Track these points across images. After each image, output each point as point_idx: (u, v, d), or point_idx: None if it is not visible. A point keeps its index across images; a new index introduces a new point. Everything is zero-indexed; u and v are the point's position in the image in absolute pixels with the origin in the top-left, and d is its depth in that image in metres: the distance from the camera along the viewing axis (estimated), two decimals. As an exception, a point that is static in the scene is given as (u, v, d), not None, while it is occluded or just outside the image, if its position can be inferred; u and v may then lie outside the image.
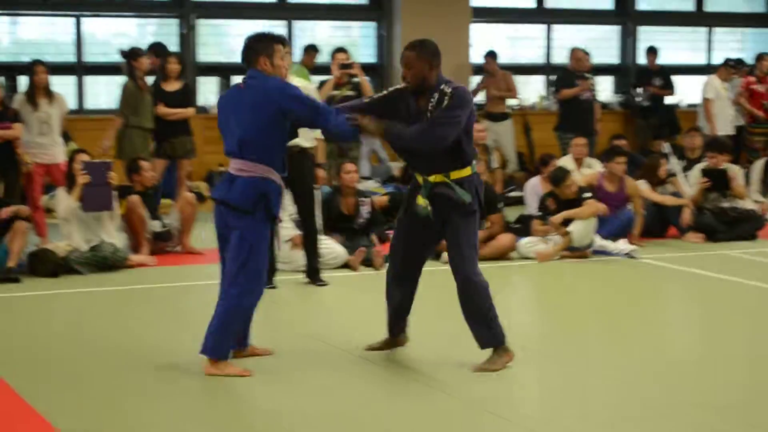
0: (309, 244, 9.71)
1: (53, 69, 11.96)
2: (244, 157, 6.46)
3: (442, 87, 6.59)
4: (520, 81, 18.73)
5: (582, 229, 11.03)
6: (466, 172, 6.67)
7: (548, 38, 18.89)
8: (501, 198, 12.04)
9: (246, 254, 6.47)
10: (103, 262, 10.16)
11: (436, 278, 8.33)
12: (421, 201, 6.63)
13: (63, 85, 14.18)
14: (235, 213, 6.47)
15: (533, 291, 10.31)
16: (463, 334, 6.91)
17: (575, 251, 11.08)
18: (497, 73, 16.69)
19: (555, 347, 7.62)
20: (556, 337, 7.99)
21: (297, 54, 16.38)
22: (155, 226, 11.26)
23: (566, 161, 13.25)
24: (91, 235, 10.36)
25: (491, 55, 16.80)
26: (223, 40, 17.45)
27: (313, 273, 9.71)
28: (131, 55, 12.61)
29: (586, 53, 15.78)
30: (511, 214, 12.42)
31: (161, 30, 16.72)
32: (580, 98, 15.57)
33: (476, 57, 17.10)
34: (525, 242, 11.16)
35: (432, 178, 6.62)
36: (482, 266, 10.36)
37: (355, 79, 13.21)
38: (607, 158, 12.20)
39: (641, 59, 18.94)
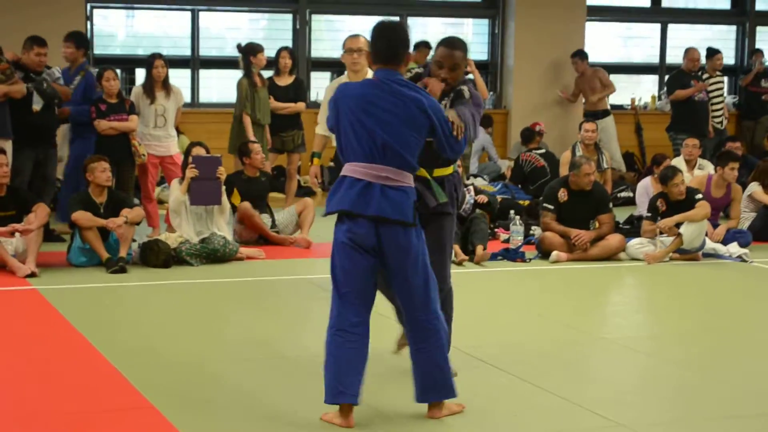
0: None
1: (169, 63, 12.12)
2: (388, 163, 5.52)
3: (459, 87, 6.34)
4: (633, 81, 18.59)
5: (693, 231, 10.87)
6: (449, 170, 6.25)
7: (663, 38, 18.66)
8: (611, 198, 11.92)
9: (425, 271, 5.65)
10: (213, 254, 10.27)
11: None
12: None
13: (178, 78, 14.37)
14: (394, 229, 5.50)
15: (643, 292, 10.19)
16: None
17: (685, 254, 10.94)
18: (587, 72, 16.55)
19: (663, 348, 7.53)
20: (664, 339, 7.89)
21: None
22: (265, 221, 11.38)
23: (678, 162, 13.11)
24: (202, 227, 10.49)
25: (579, 55, 16.66)
26: (337, 35, 17.48)
27: None
28: (250, 51, 12.72)
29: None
30: (621, 214, 12.31)
31: (274, 25, 16.86)
32: (694, 99, 15.39)
33: (592, 56, 16.94)
34: (634, 243, 11.04)
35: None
36: (591, 266, 10.56)
37: (468, 76, 13.17)
38: (720, 162, 12.02)
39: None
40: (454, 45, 6.20)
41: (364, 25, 17.25)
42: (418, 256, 5.56)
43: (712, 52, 16.27)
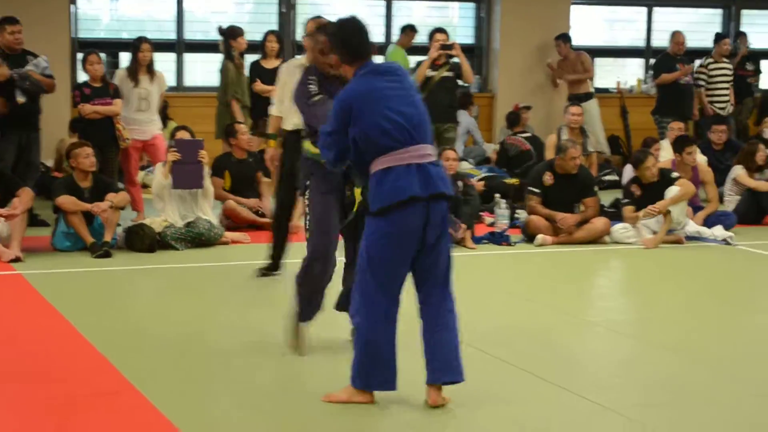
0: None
1: (154, 46, 12.08)
2: (424, 141, 5.59)
3: None
4: (618, 64, 18.58)
5: (678, 208, 10.92)
6: None
7: (649, 21, 18.64)
8: (596, 181, 11.93)
9: (450, 249, 5.81)
10: (198, 237, 10.26)
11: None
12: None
13: (163, 62, 14.34)
14: (441, 204, 5.58)
15: (628, 275, 10.22)
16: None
17: (670, 234, 10.95)
18: (570, 55, 16.54)
19: (648, 331, 7.54)
20: (650, 322, 7.90)
21: (394, 34, 16.40)
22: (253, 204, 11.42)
23: (665, 146, 13.14)
24: (186, 211, 10.47)
25: (563, 38, 16.65)
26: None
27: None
28: (230, 34, 12.71)
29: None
30: (606, 198, 12.32)
31: (259, 8, 16.80)
32: (679, 82, 15.42)
33: (577, 39, 16.91)
34: (618, 228, 11.04)
35: None
36: (576, 249, 10.58)
37: (454, 60, 13.17)
38: (676, 149, 12.05)
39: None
40: (322, 27, 6.60)
41: (348, 9, 17.27)
42: (448, 233, 5.75)
43: (719, 38, 16.29)
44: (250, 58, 13.22)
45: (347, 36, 5.69)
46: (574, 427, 5.49)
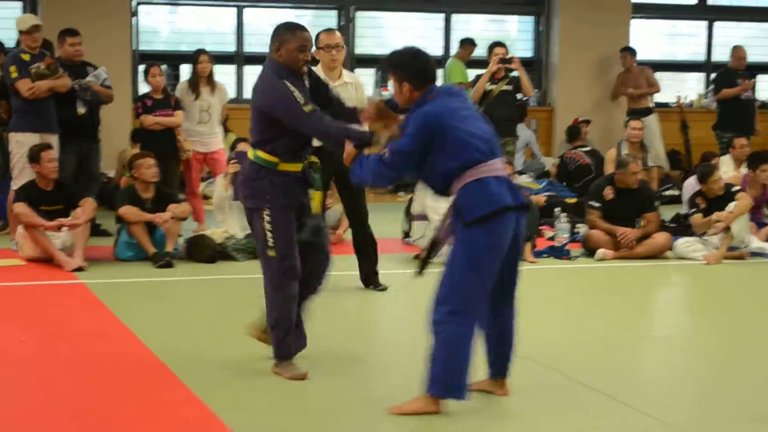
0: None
1: (214, 59, 12.14)
2: (499, 155, 5.78)
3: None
4: (678, 78, 18.47)
5: (740, 225, 10.83)
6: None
7: (709, 35, 18.53)
8: (656, 196, 11.86)
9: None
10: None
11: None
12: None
13: (223, 74, 14.42)
14: (522, 215, 5.79)
15: (690, 291, 10.13)
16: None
17: (733, 251, 10.86)
18: (634, 69, 16.45)
19: (710, 348, 7.46)
20: (711, 338, 7.83)
21: (453, 47, 16.40)
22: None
23: (725, 161, 13.04)
24: (247, 222, 10.47)
25: (628, 51, 16.57)
26: (381, 32, 17.51)
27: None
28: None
29: None
30: (667, 213, 12.23)
31: (318, 21, 16.84)
32: (740, 97, 15.31)
33: (637, 53, 16.81)
34: (682, 243, 10.96)
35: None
36: (637, 264, 10.50)
37: (513, 74, 13.15)
38: (751, 165, 11.95)
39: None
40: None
41: (407, 22, 17.31)
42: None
43: None
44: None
45: (422, 64, 5.89)
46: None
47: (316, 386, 6.18)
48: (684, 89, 18.27)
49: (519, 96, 13.59)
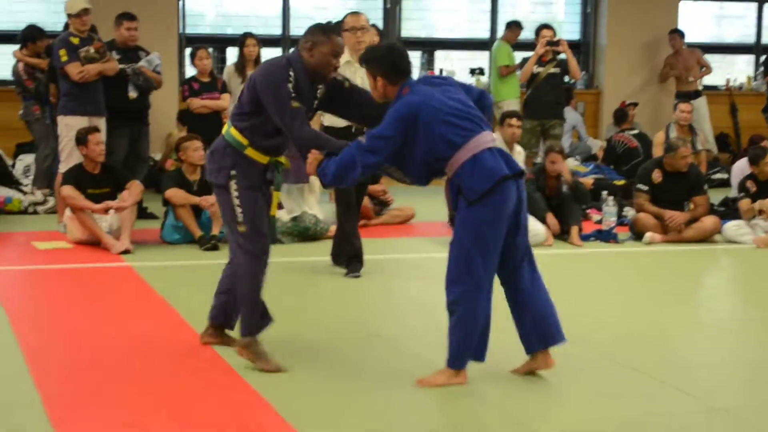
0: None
1: (262, 41, 12.15)
2: (488, 127, 5.86)
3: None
4: (727, 61, 18.30)
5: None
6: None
7: (759, 16, 18.34)
8: (705, 179, 11.76)
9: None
10: (304, 232, 10.31)
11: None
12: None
13: (269, 58, 14.38)
14: (522, 181, 5.85)
15: (739, 274, 10.05)
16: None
17: (783, 234, 10.78)
18: (683, 52, 16.31)
19: (759, 332, 7.41)
20: (761, 322, 7.75)
21: (500, 30, 16.33)
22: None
23: (775, 143, 12.93)
24: (293, 205, 10.52)
25: (677, 33, 16.43)
26: (427, 15, 17.45)
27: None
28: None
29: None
30: (716, 196, 12.14)
31: (364, 4, 16.81)
32: (790, 80, 15.18)
33: (686, 36, 16.68)
34: (731, 226, 10.86)
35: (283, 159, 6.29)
36: (685, 248, 10.43)
37: (560, 56, 13.09)
38: None
39: None
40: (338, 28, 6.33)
41: (453, 4, 17.24)
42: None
43: None
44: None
45: (395, 57, 5.91)
46: (687, 428, 5.40)
47: (364, 368, 6.18)
48: (733, 72, 18.11)
49: (566, 79, 13.54)
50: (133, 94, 11.07)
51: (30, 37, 12.31)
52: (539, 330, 5.96)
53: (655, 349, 6.79)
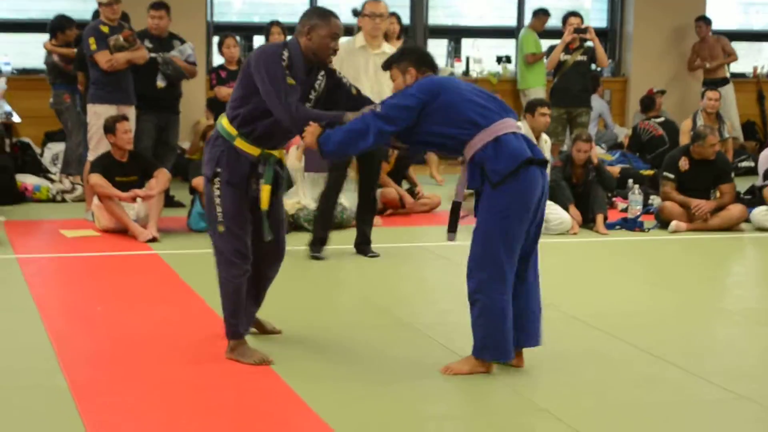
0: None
1: (288, 29, 12.16)
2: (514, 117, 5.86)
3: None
4: (754, 48, 18.22)
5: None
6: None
7: (787, 4, 18.27)
8: (732, 167, 11.73)
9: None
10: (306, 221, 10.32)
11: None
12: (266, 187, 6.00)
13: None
14: (545, 171, 5.82)
15: (765, 263, 10.02)
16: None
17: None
18: (709, 39, 16.25)
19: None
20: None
21: (527, 18, 16.30)
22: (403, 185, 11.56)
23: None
24: (318, 194, 10.53)
25: (703, 20, 16.36)
26: (453, 2, 17.43)
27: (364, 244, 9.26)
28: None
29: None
30: (742, 184, 12.11)
31: (391, -8, 16.82)
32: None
33: (713, 23, 16.61)
34: (761, 211, 10.81)
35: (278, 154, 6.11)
36: (711, 237, 10.41)
37: (588, 44, 13.06)
38: None
39: None
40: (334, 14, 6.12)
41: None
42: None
43: None
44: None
45: (425, 53, 6.06)
46: (709, 415, 5.41)
47: (387, 357, 6.21)
48: (761, 59, 18.02)
49: (593, 66, 13.51)
50: (161, 83, 11.10)
51: (59, 26, 12.37)
52: (523, 328, 5.85)
53: (680, 337, 6.79)
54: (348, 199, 10.77)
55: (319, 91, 6.02)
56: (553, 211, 10.25)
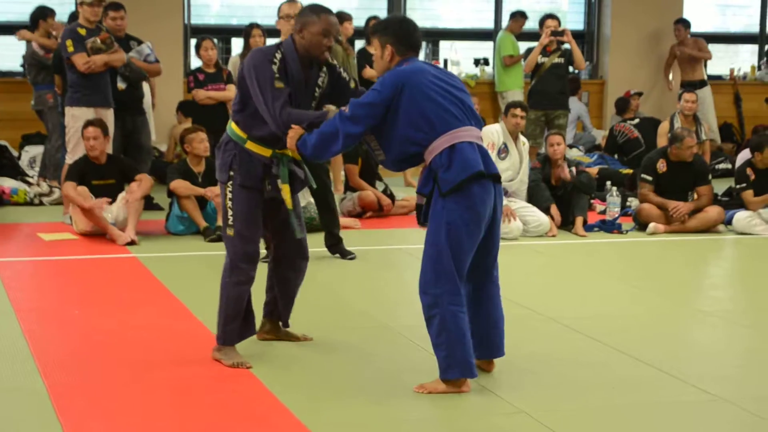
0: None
1: (267, 32, 12.17)
2: (475, 125, 5.64)
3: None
4: (731, 51, 18.29)
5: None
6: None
7: (763, 6, 18.31)
8: (709, 169, 11.77)
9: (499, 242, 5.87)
10: (308, 223, 10.29)
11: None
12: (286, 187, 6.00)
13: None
14: (499, 186, 5.65)
15: (742, 264, 10.04)
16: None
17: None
18: (688, 42, 16.30)
19: (762, 321, 7.41)
20: (763, 312, 7.76)
21: (504, 20, 16.34)
22: (378, 186, 11.53)
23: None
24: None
25: (682, 23, 16.41)
26: (432, 4, 17.44)
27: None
28: (338, 19, 12.75)
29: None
30: (719, 186, 12.16)
31: (369, -7, 16.85)
32: (795, 69, 15.18)
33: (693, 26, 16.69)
34: (744, 217, 10.79)
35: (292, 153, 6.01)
36: (689, 238, 10.45)
37: (565, 46, 13.10)
38: None
39: None
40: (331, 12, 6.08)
41: (458, -6, 17.24)
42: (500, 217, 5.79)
43: None
44: (357, 45, 13.27)
45: (409, 30, 5.73)
46: (686, 416, 5.42)
47: (370, 360, 6.21)
48: (737, 61, 18.11)
49: (571, 69, 13.55)
50: (121, 85, 11.05)
51: (41, 15, 12.36)
52: (489, 340, 5.79)
53: (657, 338, 6.81)
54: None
55: (323, 87, 6.01)
56: (531, 213, 10.29)
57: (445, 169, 5.43)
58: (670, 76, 16.57)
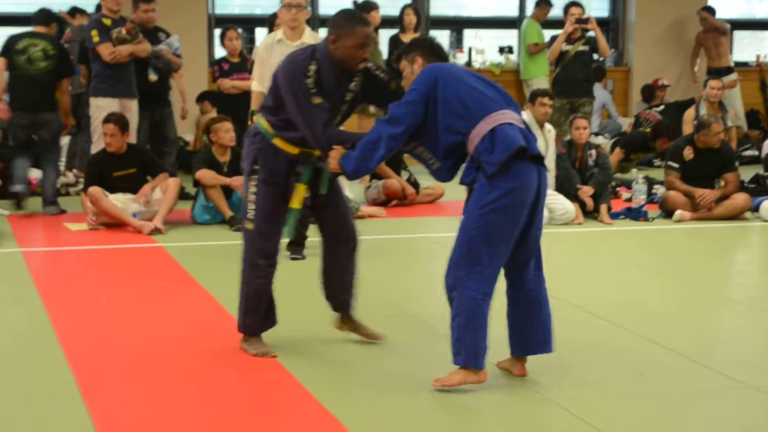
0: None
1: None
2: (518, 112, 5.56)
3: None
4: (757, 37, 18.20)
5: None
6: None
7: (790, -8, 18.25)
8: (736, 157, 11.72)
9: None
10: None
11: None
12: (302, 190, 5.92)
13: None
14: (544, 170, 5.50)
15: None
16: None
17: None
18: (712, 29, 16.21)
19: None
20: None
21: (529, 8, 16.29)
22: (403, 174, 11.52)
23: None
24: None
25: (707, 10, 16.33)
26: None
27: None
28: (364, 8, 12.71)
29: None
30: (746, 173, 12.10)
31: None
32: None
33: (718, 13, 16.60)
34: (770, 206, 10.79)
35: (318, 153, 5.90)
36: (715, 226, 10.41)
37: (589, 34, 13.05)
38: None
39: None
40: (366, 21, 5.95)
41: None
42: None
43: None
44: (384, 33, 13.25)
45: (435, 44, 5.78)
46: (714, 404, 5.40)
47: (395, 349, 6.21)
48: (763, 48, 18.01)
49: (595, 56, 13.51)
50: (153, 77, 11.09)
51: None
52: (527, 336, 5.65)
53: (684, 326, 6.79)
54: (351, 191, 10.78)
55: (355, 92, 5.88)
56: (557, 201, 10.26)
57: (489, 153, 5.30)
58: (696, 67, 16.48)
